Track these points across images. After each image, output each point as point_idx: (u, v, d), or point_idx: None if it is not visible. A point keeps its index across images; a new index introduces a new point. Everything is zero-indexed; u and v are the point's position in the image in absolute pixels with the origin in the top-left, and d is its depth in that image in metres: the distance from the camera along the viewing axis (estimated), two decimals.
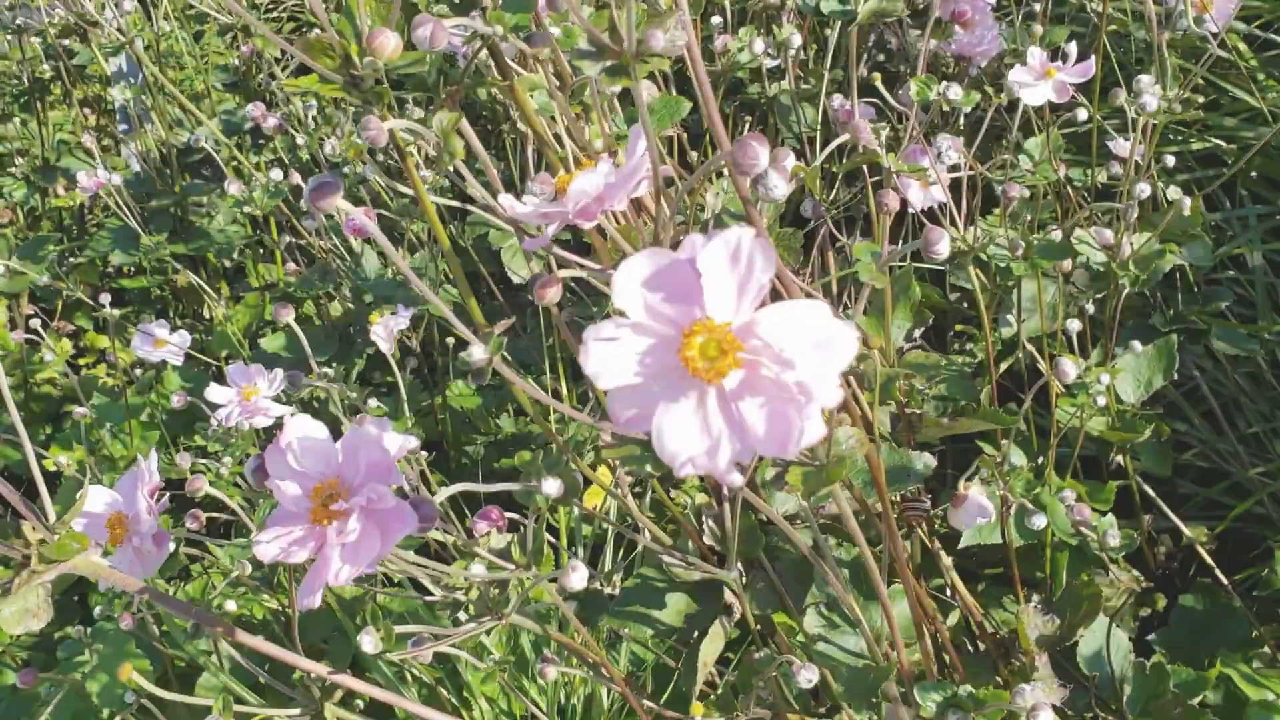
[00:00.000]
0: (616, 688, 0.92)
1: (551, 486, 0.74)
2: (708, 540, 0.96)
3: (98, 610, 1.37)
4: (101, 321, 1.97)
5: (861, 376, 0.97)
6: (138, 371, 2.07)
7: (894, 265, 1.16)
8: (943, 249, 0.66)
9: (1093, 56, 1.32)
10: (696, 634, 0.93)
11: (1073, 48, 1.30)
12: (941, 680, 0.82)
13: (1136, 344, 1.41)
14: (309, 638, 1.43)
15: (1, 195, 2.45)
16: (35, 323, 2.11)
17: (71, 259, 2.43)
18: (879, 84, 1.28)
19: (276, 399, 1.34)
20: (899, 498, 1.10)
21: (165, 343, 1.87)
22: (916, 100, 1.07)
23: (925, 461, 0.90)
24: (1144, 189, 1.31)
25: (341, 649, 1.44)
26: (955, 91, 1.08)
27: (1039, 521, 1.07)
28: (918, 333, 1.08)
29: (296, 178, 1.89)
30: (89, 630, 1.42)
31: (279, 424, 1.67)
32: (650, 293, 0.52)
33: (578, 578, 0.76)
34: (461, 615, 0.82)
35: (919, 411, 1.11)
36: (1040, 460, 1.45)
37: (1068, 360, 0.99)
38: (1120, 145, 1.54)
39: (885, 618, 0.89)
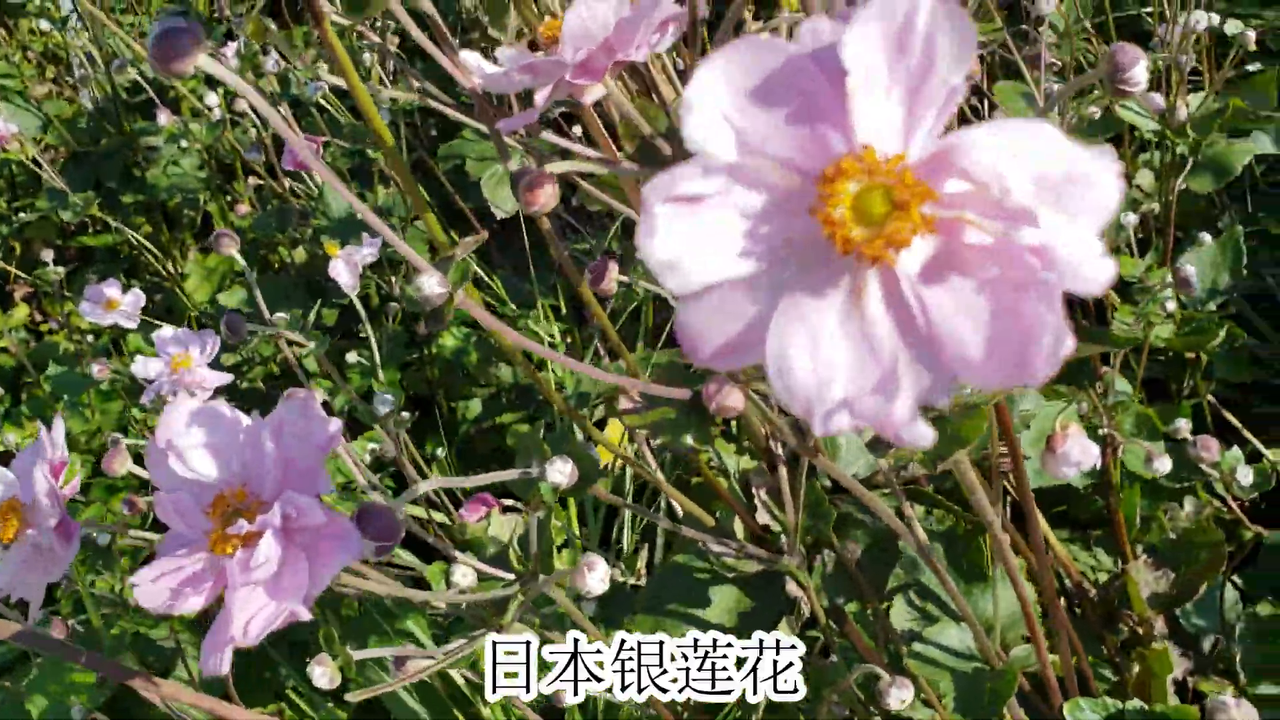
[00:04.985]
0: (656, 712, 0.72)
1: (559, 472, 0.53)
2: (761, 518, 0.76)
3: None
4: (46, 284, 1.76)
5: None
6: (92, 338, 1.87)
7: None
8: (1139, 75, 0.45)
9: None
10: None
11: None
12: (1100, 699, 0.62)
13: (1206, 235, 1.28)
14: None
15: None
16: None
17: (23, 215, 2.21)
18: None
19: (220, 365, 1.14)
20: None
21: (117, 304, 1.68)
22: None
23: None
24: (1199, 18, 1.11)
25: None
26: None
27: (1164, 466, 0.87)
28: None
29: (243, 105, 1.67)
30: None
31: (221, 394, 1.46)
32: (757, 110, 0.29)
33: (596, 579, 0.55)
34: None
35: None
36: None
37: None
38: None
39: (996, 606, 0.69)
